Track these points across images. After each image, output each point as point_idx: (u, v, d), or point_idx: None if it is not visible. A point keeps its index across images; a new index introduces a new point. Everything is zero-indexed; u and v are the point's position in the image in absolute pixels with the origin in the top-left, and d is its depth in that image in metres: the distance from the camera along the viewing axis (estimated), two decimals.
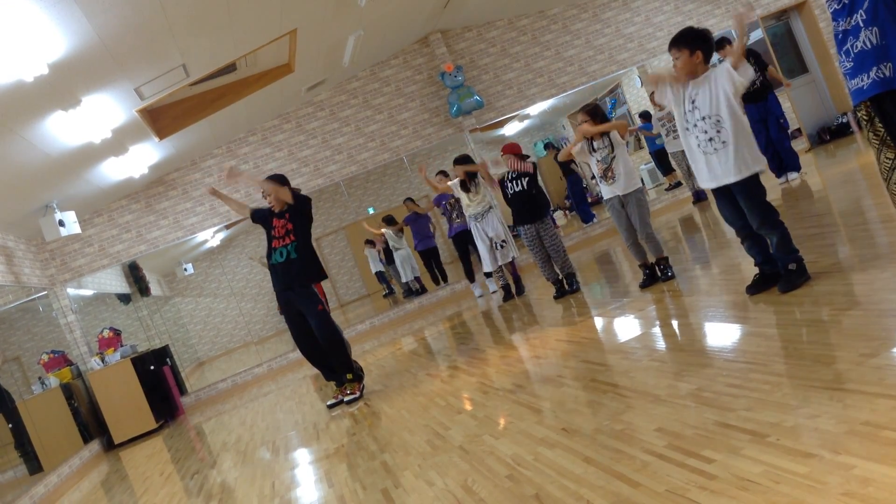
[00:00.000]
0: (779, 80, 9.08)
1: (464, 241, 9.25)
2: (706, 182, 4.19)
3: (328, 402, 6.04)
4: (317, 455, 4.59)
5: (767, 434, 2.32)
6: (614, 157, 5.63)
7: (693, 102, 4.09)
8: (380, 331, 10.77)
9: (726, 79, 3.95)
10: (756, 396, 2.69)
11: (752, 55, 9.03)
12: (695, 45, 4.04)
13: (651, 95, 10.86)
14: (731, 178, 4.05)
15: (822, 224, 5.84)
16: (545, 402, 3.74)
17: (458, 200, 8.65)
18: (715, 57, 5.18)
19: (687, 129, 4.14)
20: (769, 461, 2.14)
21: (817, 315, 3.50)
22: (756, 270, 4.26)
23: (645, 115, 12.02)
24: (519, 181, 7.06)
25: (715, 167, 4.08)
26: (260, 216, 6.03)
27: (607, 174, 5.67)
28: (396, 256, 11.63)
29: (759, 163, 4.04)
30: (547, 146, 12.91)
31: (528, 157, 7.30)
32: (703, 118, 4.05)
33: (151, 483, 5.90)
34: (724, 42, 9.28)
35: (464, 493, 2.86)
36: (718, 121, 4.00)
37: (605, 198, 5.81)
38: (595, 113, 5.72)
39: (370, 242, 12.41)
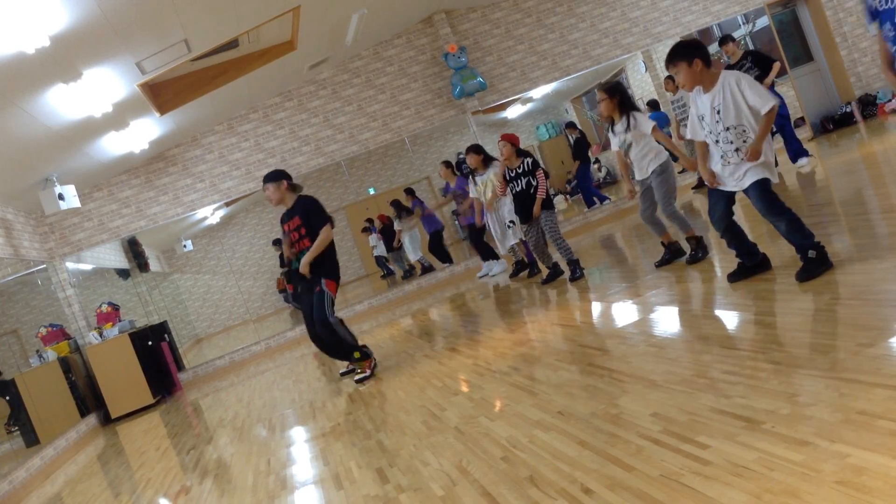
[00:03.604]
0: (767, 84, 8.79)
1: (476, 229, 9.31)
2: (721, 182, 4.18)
3: (341, 371, 6.33)
4: (313, 433, 4.60)
5: (763, 421, 2.33)
6: (630, 144, 5.57)
7: (718, 113, 4.00)
8: (378, 311, 10.78)
9: (751, 95, 3.88)
10: (752, 384, 2.69)
11: (752, 56, 8.90)
12: (689, 55, 3.98)
13: (667, 83, 10.72)
14: (738, 187, 4.06)
15: (823, 213, 5.83)
16: (541, 385, 3.75)
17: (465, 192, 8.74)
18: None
19: (717, 141, 4.06)
20: (764, 448, 2.14)
21: (815, 304, 3.50)
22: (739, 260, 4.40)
23: (653, 104, 11.96)
24: (519, 181, 6.98)
25: (730, 176, 4.07)
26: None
27: (627, 160, 5.65)
28: (406, 237, 11.62)
29: (766, 172, 3.96)
30: (570, 125, 12.73)
31: (527, 153, 7.13)
32: (728, 129, 3.98)
33: (148, 458, 5.92)
34: (727, 39, 9.16)
35: (458, 474, 2.87)
36: (744, 130, 3.94)
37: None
38: (613, 91, 5.61)
39: (367, 230, 12.37)
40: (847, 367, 2.54)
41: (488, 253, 9.72)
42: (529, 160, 7.00)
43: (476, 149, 8.14)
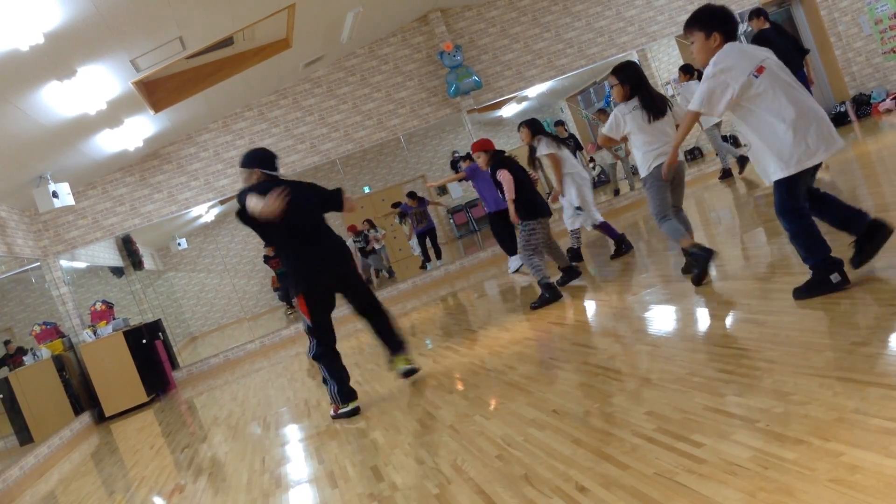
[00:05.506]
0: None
1: (502, 219, 8.37)
2: None
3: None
4: (307, 432, 4.60)
5: (757, 420, 2.33)
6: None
7: None
8: None
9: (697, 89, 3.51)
10: (746, 382, 2.69)
11: (778, 30, 8.45)
12: (710, 25, 3.52)
13: (680, 74, 10.45)
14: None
15: None
16: (536, 383, 3.75)
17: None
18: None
19: None
20: (758, 446, 2.14)
21: (809, 303, 3.50)
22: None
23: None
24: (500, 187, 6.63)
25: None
26: None
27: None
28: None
29: (778, 172, 3.50)
30: (558, 123, 12.59)
31: (497, 156, 6.48)
32: None
33: (142, 456, 5.91)
34: (758, 13, 8.58)
35: (453, 472, 2.87)
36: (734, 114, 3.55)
37: None
38: (618, 71, 4.96)
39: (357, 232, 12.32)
40: (841, 365, 2.54)
41: (511, 248, 9.10)
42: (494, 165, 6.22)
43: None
